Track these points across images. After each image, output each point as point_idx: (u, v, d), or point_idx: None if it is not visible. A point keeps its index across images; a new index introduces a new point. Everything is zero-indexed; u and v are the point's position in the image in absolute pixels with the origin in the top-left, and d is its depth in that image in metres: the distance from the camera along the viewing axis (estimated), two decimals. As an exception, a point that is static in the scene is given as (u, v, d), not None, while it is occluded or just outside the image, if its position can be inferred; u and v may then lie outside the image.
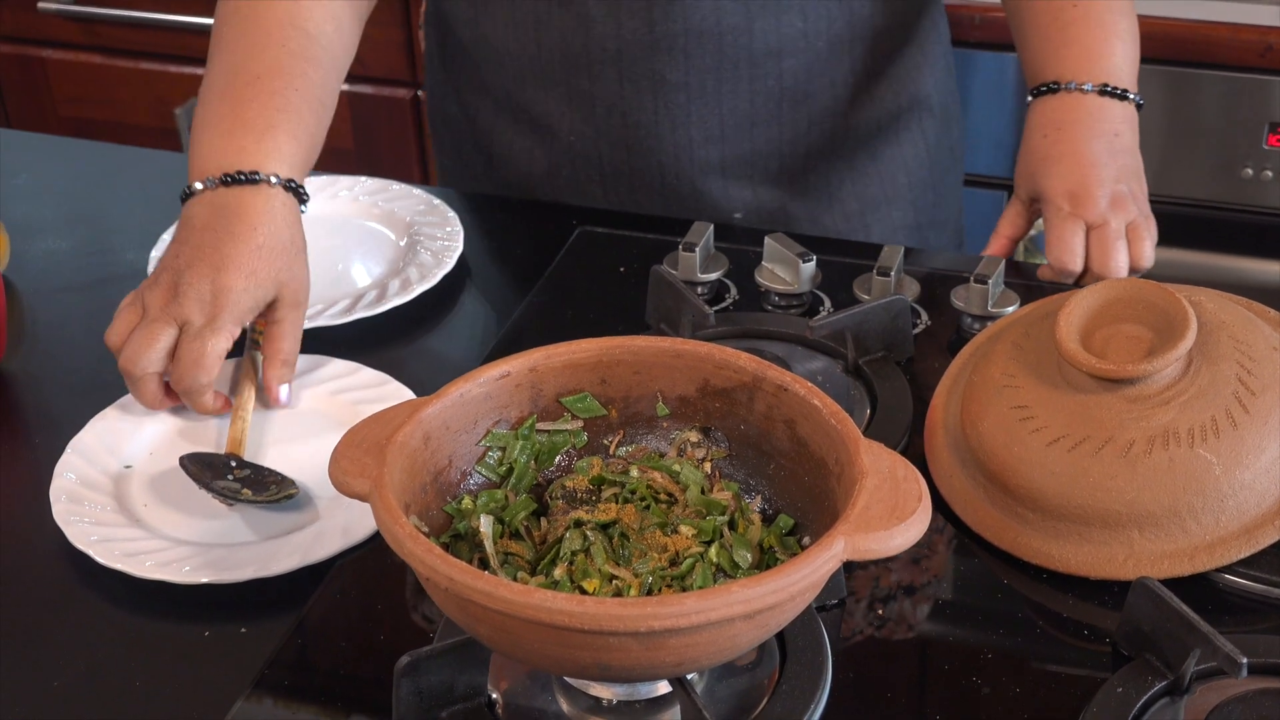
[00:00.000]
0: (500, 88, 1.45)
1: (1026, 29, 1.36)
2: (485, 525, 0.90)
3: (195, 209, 1.17)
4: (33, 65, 2.59)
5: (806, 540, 0.91)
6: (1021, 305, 1.22)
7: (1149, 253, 1.23)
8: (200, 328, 1.11)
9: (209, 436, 1.16)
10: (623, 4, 1.33)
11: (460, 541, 0.91)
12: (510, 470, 0.95)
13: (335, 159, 2.45)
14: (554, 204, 1.48)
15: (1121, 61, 1.32)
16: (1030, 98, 1.35)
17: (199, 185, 1.18)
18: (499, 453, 0.95)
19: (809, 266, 1.26)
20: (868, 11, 1.39)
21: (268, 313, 1.17)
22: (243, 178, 1.17)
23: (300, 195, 1.21)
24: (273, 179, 1.18)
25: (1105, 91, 1.30)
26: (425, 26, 1.57)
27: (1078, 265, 1.24)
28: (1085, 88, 1.30)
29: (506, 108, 1.46)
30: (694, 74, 1.36)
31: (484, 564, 0.89)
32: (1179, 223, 1.33)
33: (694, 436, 0.97)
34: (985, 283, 1.22)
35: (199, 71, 2.50)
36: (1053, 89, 1.32)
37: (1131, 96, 1.31)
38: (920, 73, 1.46)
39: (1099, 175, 1.26)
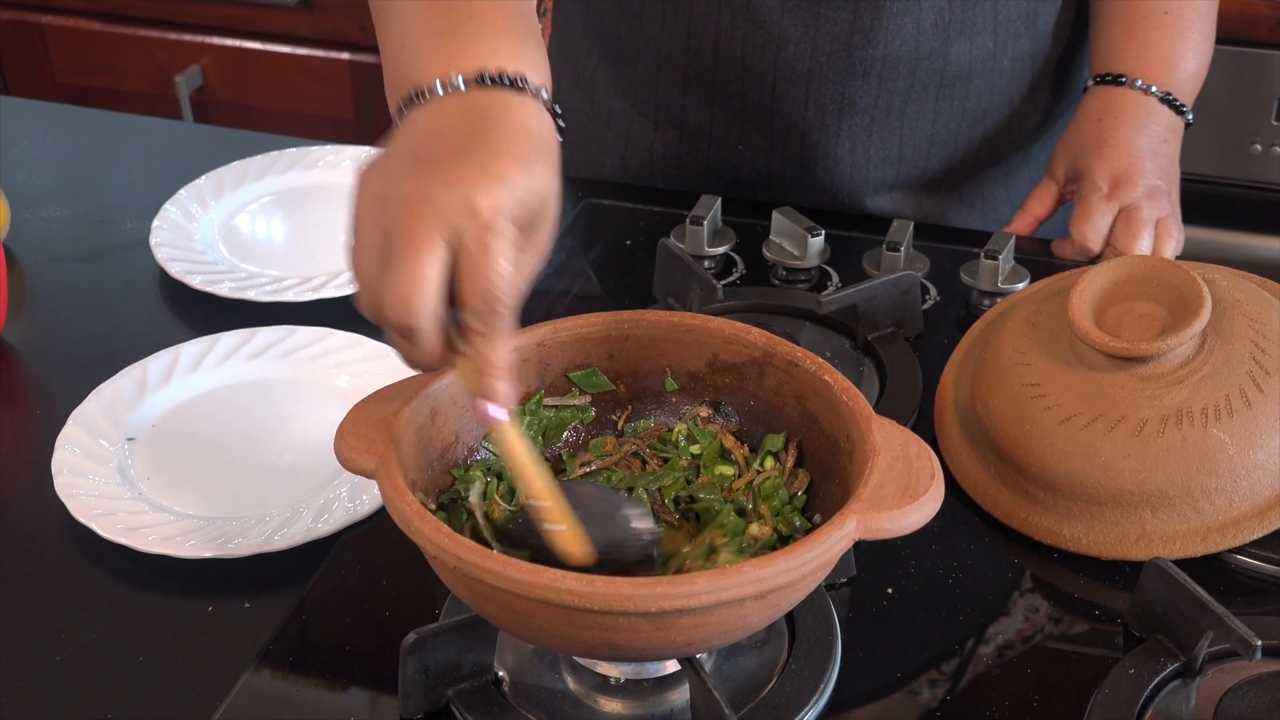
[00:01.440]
0: (649, 91, 1.42)
1: (1109, 18, 1.38)
2: (475, 495, 0.89)
3: (442, 108, 0.85)
4: (31, 31, 2.57)
5: (817, 518, 0.90)
6: (1032, 281, 1.21)
7: (1170, 254, 1.23)
8: (479, 232, 0.78)
9: (217, 408, 1.14)
10: (821, 27, 1.30)
11: (457, 505, 0.90)
12: None
13: (336, 128, 2.44)
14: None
15: (1189, 78, 1.35)
16: (1091, 82, 1.36)
17: (440, 86, 0.86)
18: None
19: (817, 241, 1.25)
20: (1049, 26, 1.38)
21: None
22: (506, 80, 0.86)
23: (558, 125, 0.90)
24: (542, 93, 0.88)
25: (1166, 99, 1.32)
26: (554, 15, 1.53)
27: (1097, 247, 1.24)
28: (1151, 90, 1.32)
29: (650, 111, 1.43)
30: (883, 97, 1.34)
31: (475, 533, 0.88)
32: (1187, 199, 1.33)
33: (704, 411, 0.96)
34: (995, 258, 1.21)
35: (199, 39, 2.50)
36: (1118, 81, 1.34)
37: (1186, 112, 1.34)
38: (1075, 69, 1.45)
39: (1144, 166, 1.28)
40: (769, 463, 0.92)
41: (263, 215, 1.41)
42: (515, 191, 0.80)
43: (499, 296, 0.79)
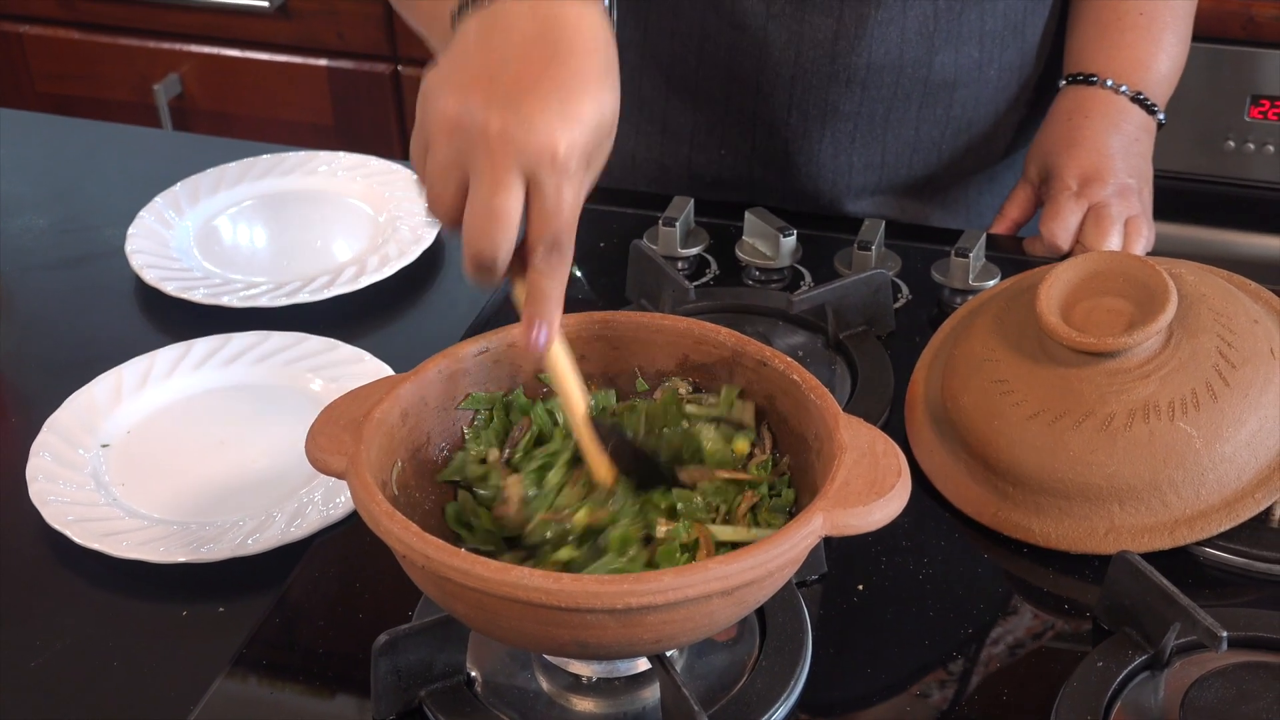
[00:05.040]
0: (631, 94, 1.38)
1: (1084, 18, 1.38)
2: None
3: (507, 18, 0.84)
4: (10, 41, 2.57)
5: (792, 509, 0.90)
6: (1002, 279, 1.21)
7: (1140, 252, 1.23)
8: (557, 177, 0.81)
9: (191, 414, 1.15)
10: (805, 34, 1.30)
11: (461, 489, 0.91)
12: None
13: (314, 134, 2.44)
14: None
15: (1161, 78, 1.36)
16: (1063, 82, 1.37)
17: None
18: (486, 413, 0.94)
19: (789, 241, 1.25)
20: (1037, 36, 1.39)
21: None
22: None
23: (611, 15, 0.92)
24: None
25: (1137, 99, 1.33)
26: None
27: (1066, 245, 1.25)
28: (1121, 89, 1.33)
29: (632, 114, 1.42)
30: (866, 105, 1.34)
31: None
32: (1160, 195, 1.34)
33: (684, 388, 0.95)
34: (966, 256, 1.21)
35: (178, 47, 2.50)
36: (1089, 81, 1.34)
37: (1158, 111, 1.35)
38: (1058, 73, 1.46)
39: (1113, 165, 1.29)
40: (741, 445, 0.92)
41: (238, 221, 1.41)
42: (589, 129, 0.81)
43: (567, 235, 0.83)
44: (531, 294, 0.84)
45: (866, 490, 0.81)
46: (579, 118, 0.81)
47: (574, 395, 0.88)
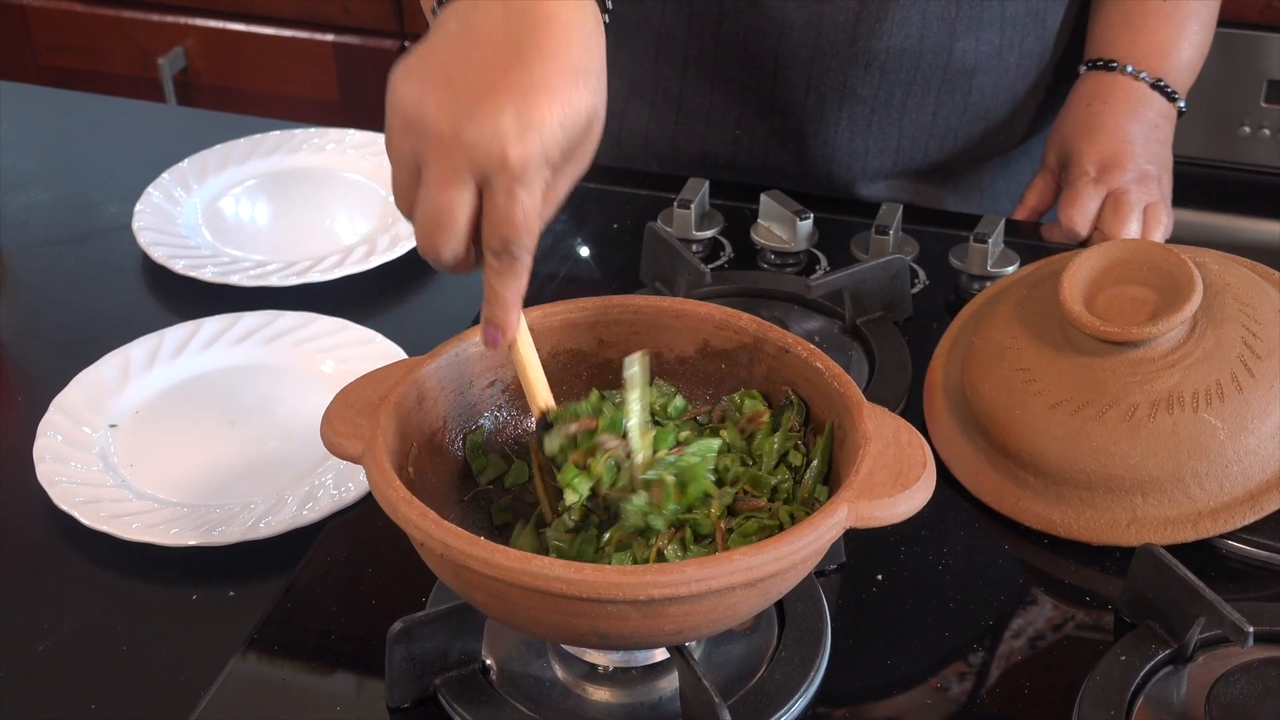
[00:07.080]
0: (647, 72, 1.40)
1: (1108, 7, 1.37)
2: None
3: (479, 13, 0.82)
4: (12, 13, 2.55)
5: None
6: (1021, 265, 1.20)
7: (1159, 239, 1.22)
8: (508, 181, 0.79)
9: (200, 394, 1.13)
10: (825, 16, 1.29)
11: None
12: None
13: (321, 111, 2.43)
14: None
15: (1182, 66, 1.35)
16: (1084, 68, 1.36)
17: None
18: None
19: (806, 224, 1.24)
20: (1058, 24, 1.38)
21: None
22: None
23: (605, 6, 0.89)
24: None
25: (1157, 86, 1.32)
26: None
27: (1085, 230, 1.23)
28: (1141, 76, 1.32)
29: (647, 92, 1.41)
30: (884, 89, 1.33)
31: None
32: (1176, 181, 1.33)
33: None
34: (985, 242, 1.20)
35: (183, 21, 2.48)
36: (1109, 67, 1.33)
37: (1178, 99, 1.33)
38: (1076, 59, 1.45)
39: (1133, 151, 1.28)
40: (769, 444, 0.91)
41: (246, 199, 1.40)
42: (551, 132, 0.79)
43: (517, 240, 0.81)
44: (486, 294, 0.83)
45: (892, 482, 0.80)
46: (538, 122, 0.78)
47: (535, 394, 0.88)
